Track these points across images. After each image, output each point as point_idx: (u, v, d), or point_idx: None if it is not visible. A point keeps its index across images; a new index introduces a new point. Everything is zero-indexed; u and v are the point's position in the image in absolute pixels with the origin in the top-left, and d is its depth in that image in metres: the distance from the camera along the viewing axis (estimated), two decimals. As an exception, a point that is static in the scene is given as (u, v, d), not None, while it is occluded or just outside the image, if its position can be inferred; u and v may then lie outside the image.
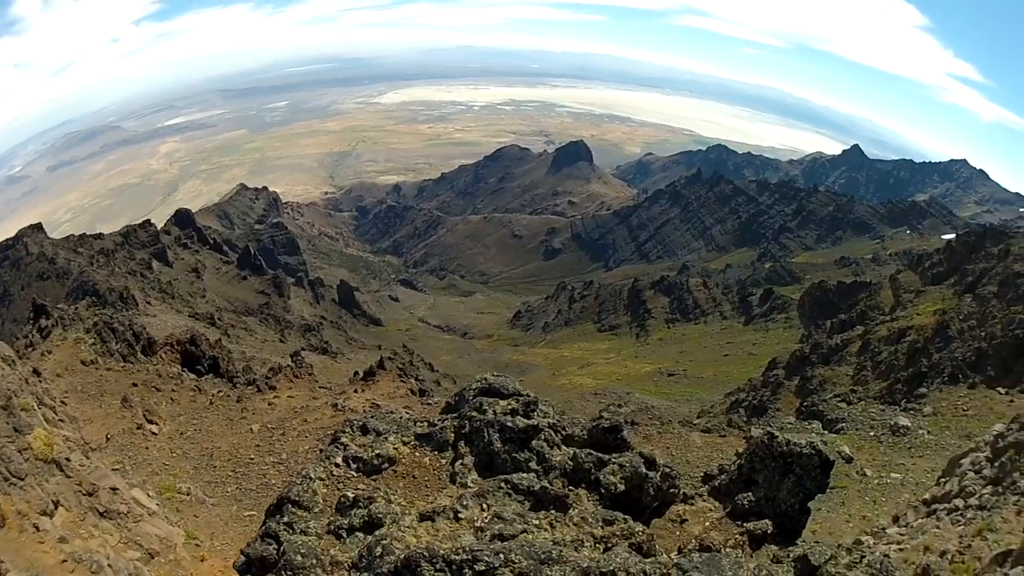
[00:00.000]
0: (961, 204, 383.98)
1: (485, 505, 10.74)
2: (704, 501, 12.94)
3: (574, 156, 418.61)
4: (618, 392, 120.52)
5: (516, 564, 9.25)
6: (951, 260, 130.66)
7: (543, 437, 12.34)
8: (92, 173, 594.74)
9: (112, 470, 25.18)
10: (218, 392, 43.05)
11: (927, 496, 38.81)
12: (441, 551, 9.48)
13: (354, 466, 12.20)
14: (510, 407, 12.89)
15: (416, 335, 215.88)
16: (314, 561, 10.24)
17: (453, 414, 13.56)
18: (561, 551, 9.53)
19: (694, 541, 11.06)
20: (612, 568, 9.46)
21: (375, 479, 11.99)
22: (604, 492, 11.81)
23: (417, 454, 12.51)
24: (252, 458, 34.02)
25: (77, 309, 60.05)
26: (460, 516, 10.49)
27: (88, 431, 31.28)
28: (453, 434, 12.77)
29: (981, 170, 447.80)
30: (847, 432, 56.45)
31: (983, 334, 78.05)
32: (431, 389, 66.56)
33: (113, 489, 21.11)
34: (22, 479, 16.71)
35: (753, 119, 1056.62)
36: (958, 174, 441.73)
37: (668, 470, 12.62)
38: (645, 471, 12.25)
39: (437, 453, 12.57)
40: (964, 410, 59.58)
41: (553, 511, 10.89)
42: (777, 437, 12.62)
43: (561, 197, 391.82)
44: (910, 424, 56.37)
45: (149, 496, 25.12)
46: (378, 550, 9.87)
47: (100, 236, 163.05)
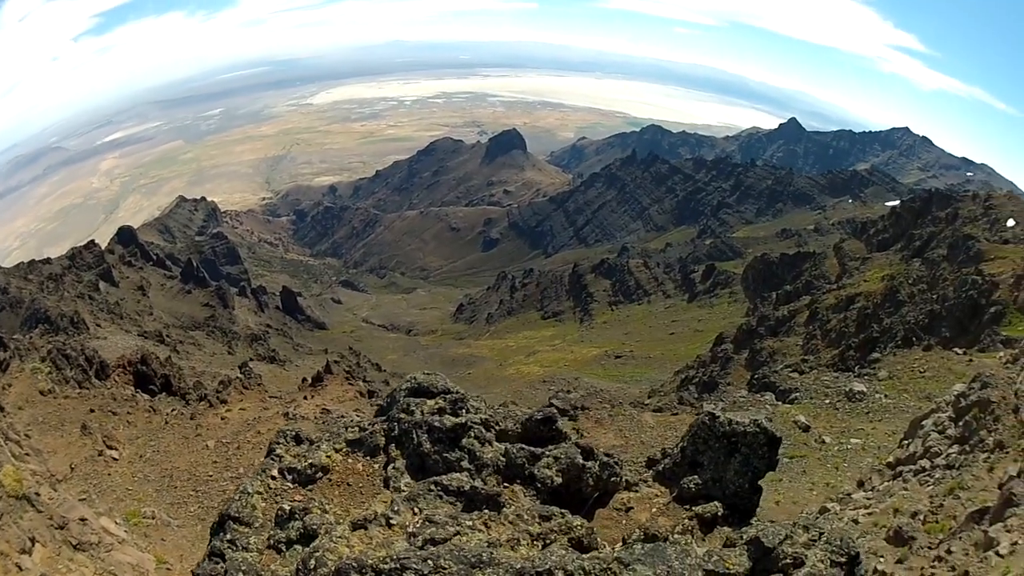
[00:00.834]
0: (904, 171, 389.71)
1: (417, 509, 10.62)
2: (649, 487, 12.65)
3: (507, 145, 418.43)
4: (567, 378, 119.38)
5: (446, 569, 9.01)
6: (897, 226, 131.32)
7: (473, 434, 12.11)
8: (38, 197, 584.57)
9: (79, 500, 25.91)
10: (172, 411, 43.17)
11: (891, 459, 38.90)
12: (370, 561, 9.27)
13: (290, 477, 12.00)
14: (437, 406, 12.64)
15: (361, 336, 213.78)
16: (255, 577, 9.93)
17: (383, 417, 13.28)
18: (493, 553, 9.28)
19: (638, 531, 10.72)
20: (548, 567, 9.18)
21: (311, 489, 11.84)
22: (541, 487, 11.59)
23: (350, 461, 12.29)
24: (211, 475, 34.16)
25: (31, 338, 61.03)
26: (392, 522, 10.36)
27: (53, 462, 32.03)
28: (383, 438, 12.56)
29: (924, 137, 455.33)
30: (801, 401, 56.33)
31: (935, 297, 79.10)
32: (380, 390, 65.45)
33: (82, 520, 21.59)
34: (-1, 518, 15.43)
35: (688, 98, 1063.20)
36: (900, 142, 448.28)
37: (608, 458, 12.30)
38: (582, 462, 11.97)
39: (369, 458, 12.39)
40: (921, 372, 59.16)
41: (486, 511, 10.68)
42: (719, 417, 12.10)
43: (496, 187, 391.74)
44: (866, 389, 56.18)
45: (117, 524, 25.65)
46: (312, 563, 9.77)
47: (48, 261, 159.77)
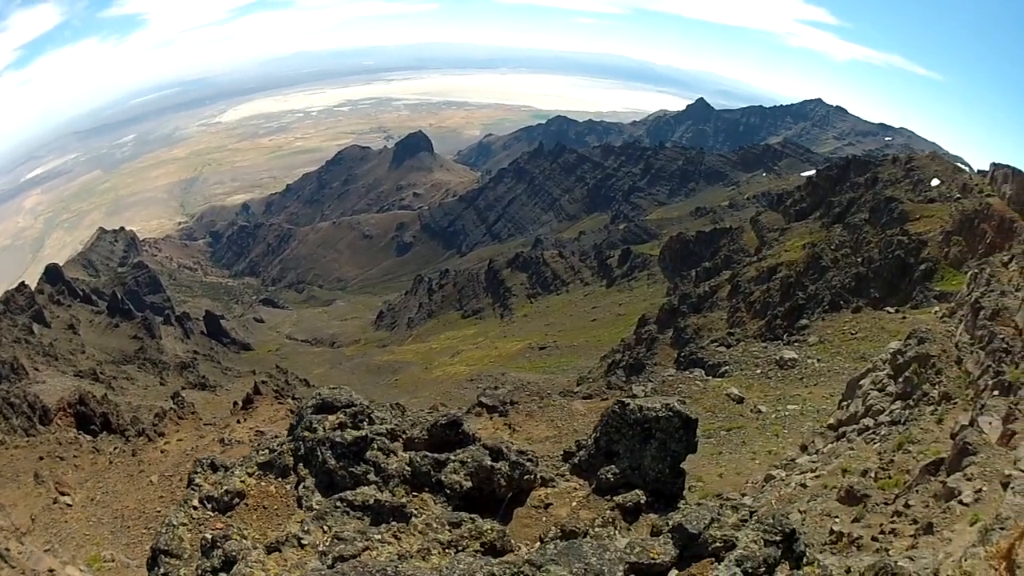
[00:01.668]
0: (819, 141, 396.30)
1: (326, 527, 10.60)
2: (567, 481, 12.60)
3: (414, 148, 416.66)
4: (493, 374, 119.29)
5: (354, 586, 8.89)
6: (814, 195, 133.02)
7: (376, 446, 12.02)
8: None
9: (44, 551, 26.90)
10: (114, 449, 43.13)
11: (832, 421, 39.34)
12: (283, 583, 9.22)
13: (210, 506, 11.86)
14: (339, 421, 12.56)
15: (286, 353, 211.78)
16: (186, 609, 9.97)
17: (291, 436, 13.22)
18: (399, 566, 9.11)
19: (554, 529, 10.77)
20: (457, 576, 9.02)
21: (230, 516, 11.71)
22: (451, 493, 11.47)
23: (263, 484, 12.22)
24: (159, 510, 33.95)
25: (-26, 389, 60.15)
26: (304, 542, 10.32)
27: (15, 515, 32.24)
28: (292, 457, 12.50)
29: (839, 106, 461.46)
30: (732, 374, 57.06)
31: (860, 260, 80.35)
32: (311, 406, 63.91)
33: (51, 572, 22.62)
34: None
35: (593, 87, 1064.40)
36: (813, 113, 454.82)
37: (518, 457, 12.16)
38: (491, 463, 11.85)
39: (281, 480, 12.33)
40: (852, 334, 59.68)
41: (394, 523, 10.67)
42: (629, 405, 12.08)
43: (406, 191, 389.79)
44: (797, 356, 56.81)
45: (81, 571, 26.29)
46: (231, 589, 9.64)
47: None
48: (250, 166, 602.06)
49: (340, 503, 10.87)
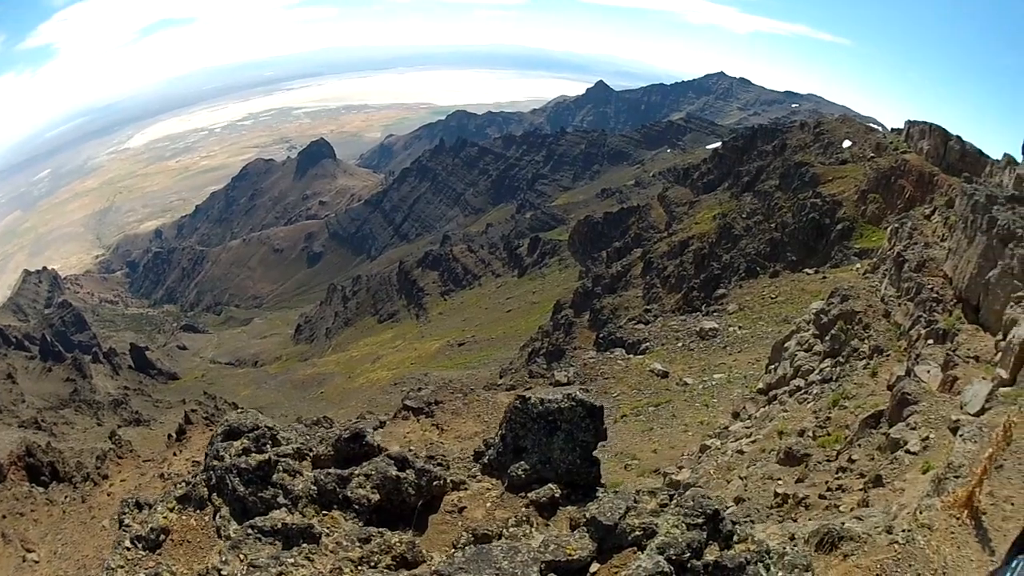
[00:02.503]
0: (723, 113, 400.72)
1: (242, 556, 10.17)
2: (479, 482, 12.28)
3: (317, 156, 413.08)
4: (416, 376, 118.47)
5: (269, 612, 8.99)
6: (721, 167, 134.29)
7: (281, 468, 11.66)
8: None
9: None
10: (65, 498, 42.83)
11: (761, 385, 39.65)
12: (205, 615, 9.25)
13: (140, 545, 11.29)
14: (243, 446, 12.12)
15: (212, 378, 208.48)
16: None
17: (203, 466, 12.80)
18: None
19: (466, 534, 10.49)
20: (365, 594, 9.05)
21: (159, 553, 11.27)
22: (360, 508, 11.15)
23: (184, 517, 11.74)
24: None
25: (-70, 452, 61.17)
26: (223, 573, 9.90)
27: None
28: (205, 488, 12.05)
29: (742, 78, 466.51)
30: (654, 349, 57.11)
31: (773, 226, 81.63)
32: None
33: None
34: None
35: (490, 78, 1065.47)
36: (716, 87, 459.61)
37: (426, 463, 11.84)
38: (396, 473, 11.50)
39: (199, 512, 11.85)
40: (773, 298, 60.54)
41: (305, 544, 10.30)
42: (530, 399, 11.79)
43: (312, 200, 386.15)
44: (717, 325, 57.38)
45: None
46: (159, 628, 9.57)
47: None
48: (160, 190, 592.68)
49: (252, 530, 10.53)
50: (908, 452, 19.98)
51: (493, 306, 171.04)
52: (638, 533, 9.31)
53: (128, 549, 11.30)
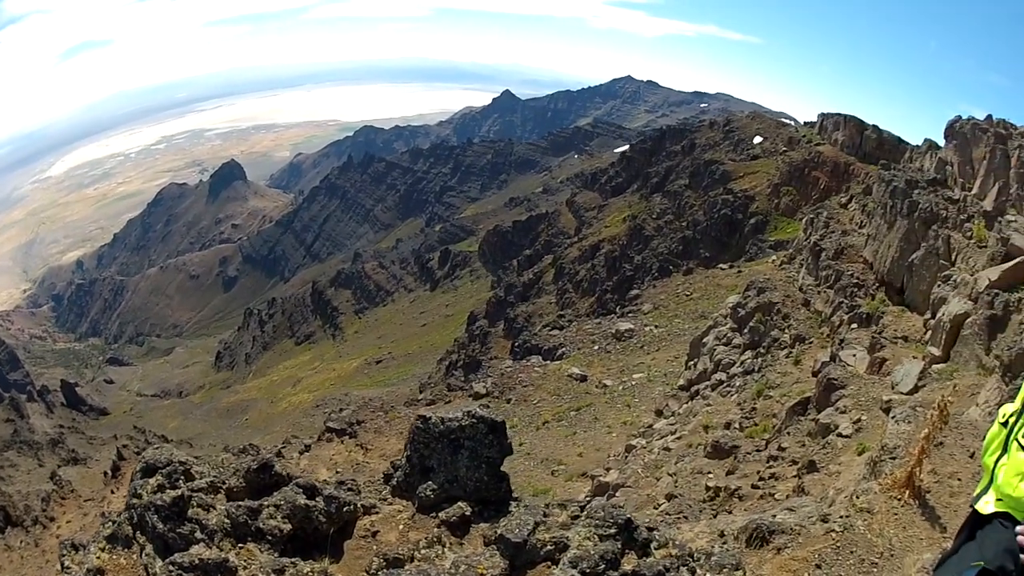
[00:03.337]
0: (631, 117, 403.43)
1: None
2: (390, 504, 12.14)
3: (228, 178, 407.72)
4: (336, 397, 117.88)
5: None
6: (629, 169, 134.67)
7: (195, 503, 11.21)
8: None
9: None
10: (21, 543, 43.60)
11: (682, 382, 39.91)
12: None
13: None
14: (157, 483, 11.54)
15: (140, 411, 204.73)
16: None
17: (127, 505, 12.10)
18: None
19: (377, 559, 10.35)
20: (276, 626, 9.09)
21: None
22: (274, 538, 10.84)
23: (115, 557, 11.25)
24: None
25: None
26: None
27: None
28: (129, 526, 11.49)
29: (650, 81, 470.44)
30: (570, 354, 57.12)
31: (684, 224, 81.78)
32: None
33: None
34: None
35: (397, 92, 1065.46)
36: (623, 91, 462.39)
37: (335, 490, 11.60)
38: (305, 502, 11.20)
39: (127, 550, 11.35)
40: (688, 295, 61.21)
41: None
42: (431, 419, 11.83)
43: (224, 223, 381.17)
44: (633, 326, 57.62)
45: None
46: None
47: None
48: (79, 219, 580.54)
49: (173, 566, 10.16)
50: (840, 436, 20.00)
51: (408, 321, 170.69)
52: (550, 548, 9.38)
53: (69, 591, 11.50)
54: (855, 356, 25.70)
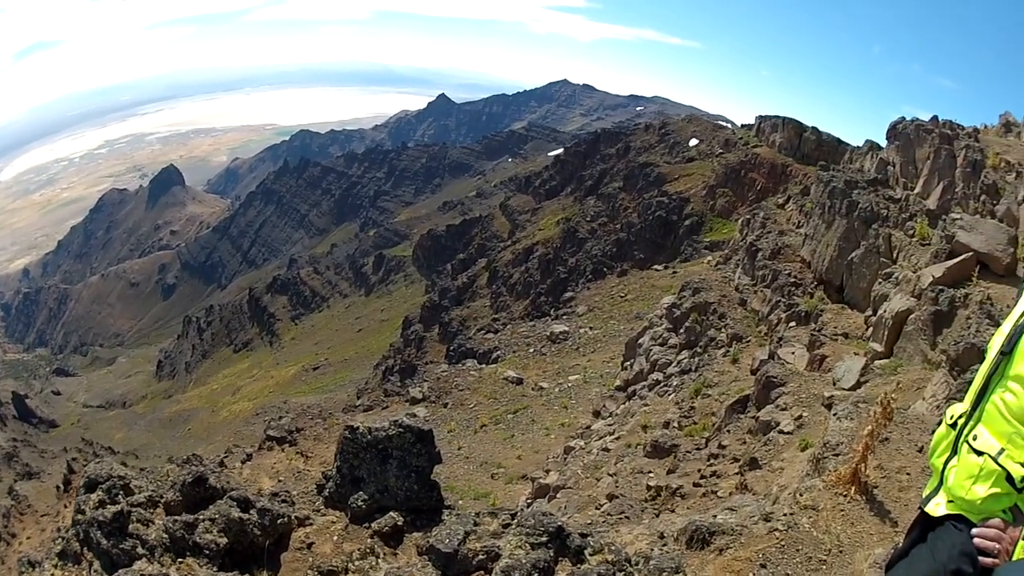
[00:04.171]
0: (565, 120, 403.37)
1: None
2: (324, 515, 12.16)
3: (167, 184, 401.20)
4: (276, 404, 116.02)
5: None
6: (563, 173, 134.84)
7: (134, 518, 11.19)
8: None
9: None
10: None
11: (619, 383, 39.83)
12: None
13: None
14: (99, 499, 11.55)
15: (88, 423, 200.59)
16: None
17: (73, 521, 12.21)
18: None
19: (311, 572, 10.52)
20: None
21: None
22: (211, 553, 10.82)
23: (67, 573, 11.39)
24: None
25: None
26: None
27: None
28: (77, 543, 11.60)
29: (586, 84, 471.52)
30: (506, 358, 57.21)
31: (619, 226, 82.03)
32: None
33: None
34: None
35: (333, 96, 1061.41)
36: (559, 94, 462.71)
37: (269, 502, 11.64)
38: (239, 515, 11.14)
39: (76, 567, 11.48)
40: (622, 296, 61.44)
41: None
42: (359, 429, 11.92)
43: (163, 230, 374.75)
44: (568, 328, 57.79)
45: None
46: None
47: None
48: (26, 226, 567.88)
49: None
50: (782, 432, 19.96)
51: (343, 327, 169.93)
52: (482, 557, 9.33)
53: (28, 607, 11.66)
54: (794, 353, 25.86)
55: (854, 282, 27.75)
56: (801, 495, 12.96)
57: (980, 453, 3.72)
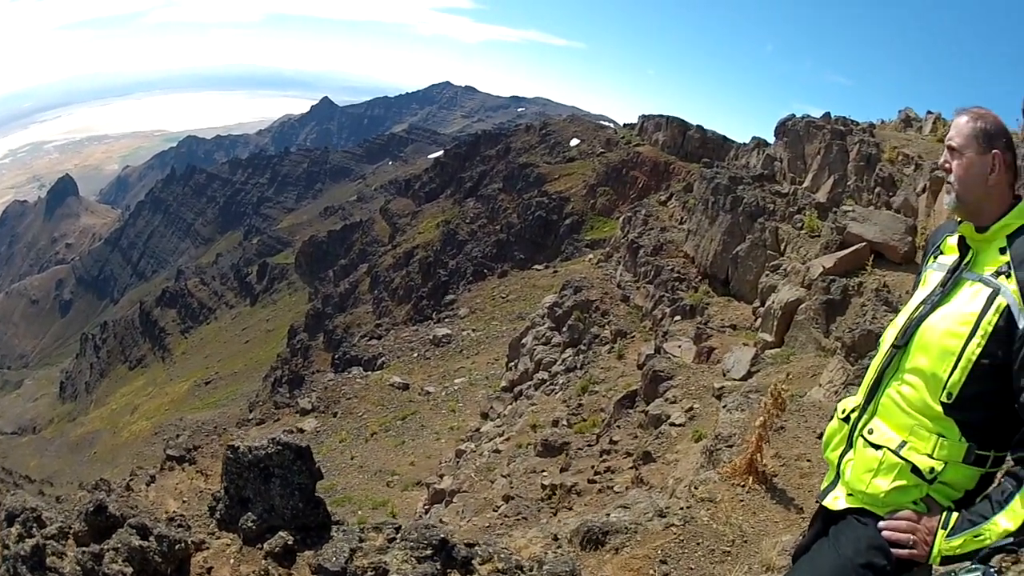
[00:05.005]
0: (446, 122, 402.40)
1: None
2: (218, 539, 10.74)
3: (63, 195, 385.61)
4: (172, 422, 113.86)
5: None
6: (443, 175, 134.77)
7: (49, 551, 9.62)
8: None
9: None
10: None
11: (504, 383, 40.13)
12: None
13: None
14: (16, 532, 9.92)
15: (5, 451, 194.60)
16: None
17: None
18: None
19: None
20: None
21: None
22: None
23: None
24: None
25: None
26: None
27: None
28: None
29: (468, 86, 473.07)
30: (391, 363, 56.84)
31: (498, 227, 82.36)
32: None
33: None
34: None
35: (220, 100, 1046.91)
36: (440, 96, 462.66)
37: (166, 527, 10.25)
38: (139, 543, 9.80)
39: None
40: (504, 297, 61.80)
41: None
42: (239, 448, 10.70)
43: (60, 243, 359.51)
44: (451, 331, 58.00)
45: None
46: None
47: None
48: None
49: None
50: (673, 425, 19.99)
51: (231, 339, 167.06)
52: (371, 574, 8.82)
53: (-35, 648, 11.51)
54: (681, 347, 26.02)
55: (740, 275, 28.19)
56: (697, 488, 12.73)
57: (878, 447, 3.75)
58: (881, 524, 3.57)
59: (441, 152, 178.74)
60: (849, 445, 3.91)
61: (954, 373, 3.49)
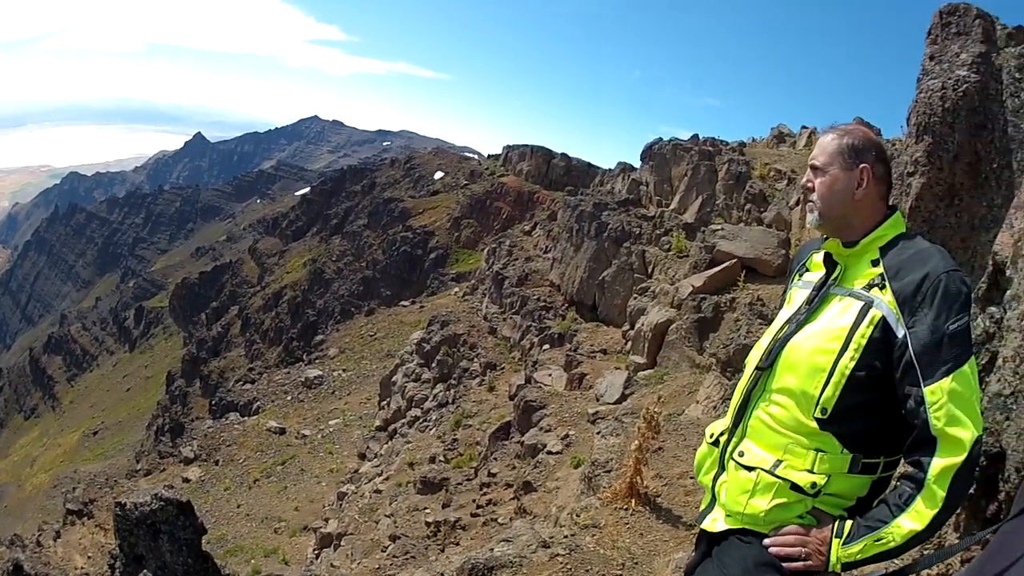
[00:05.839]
0: (313, 158, 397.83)
1: None
2: None
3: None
4: (68, 475, 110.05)
5: None
6: (309, 212, 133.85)
7: None
8: None
9: None
10: None
11: (378, 423, 40.34)
12: None
13: None
14: None
15: None
16: None
17: None
18: None
19: None
20: None
21: None
22: None
23: None
24: None
25: None
26: None
27: None
28: None
29: (335, 120, 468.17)
30: (265, 408, 56.51)
31: (364, 264, 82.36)
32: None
33: None
34: None
35: (102, 135, 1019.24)
36: (308, 131, 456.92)
37: None
38: None
39: None
40: (372, 335, 62.00)
41: None
42: (126, 505, 11.76)
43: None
44: (321, 372, 57.92)
45: None
46: None
47: None
48: None
49: None
50: (550, 453, 20.13)
51: (113, 387, 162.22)
52: None
53: None
54: (551, 375, 26.17)
55: (608, 300, 28.41)
56: (579, 515, 12.60)
57: (751, 468, 3.74)
58: (767, 541, 3.57)
59: (308, 189, 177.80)
60: (721, 468, 3.91)
61: (827, 389, 3.51)
